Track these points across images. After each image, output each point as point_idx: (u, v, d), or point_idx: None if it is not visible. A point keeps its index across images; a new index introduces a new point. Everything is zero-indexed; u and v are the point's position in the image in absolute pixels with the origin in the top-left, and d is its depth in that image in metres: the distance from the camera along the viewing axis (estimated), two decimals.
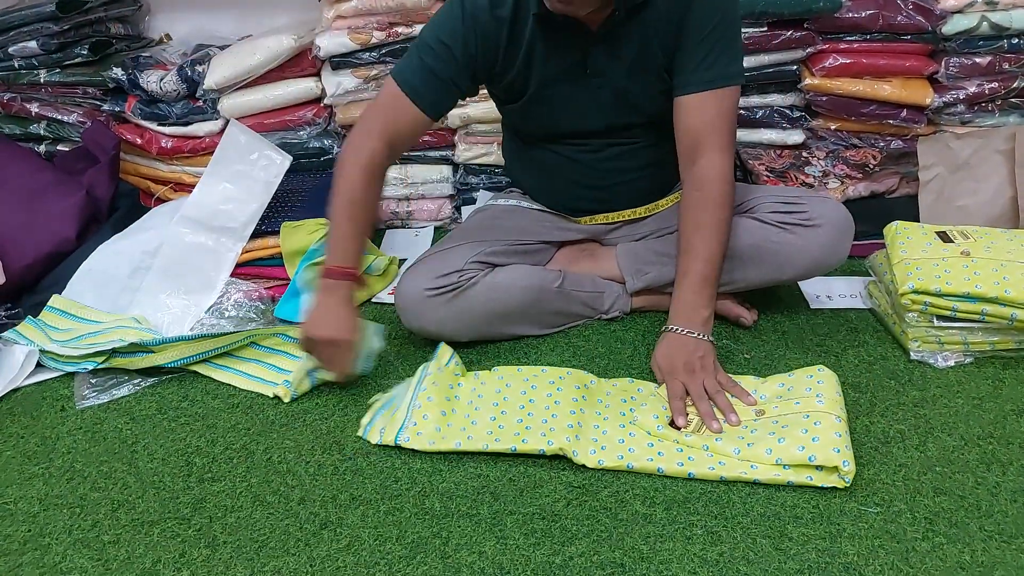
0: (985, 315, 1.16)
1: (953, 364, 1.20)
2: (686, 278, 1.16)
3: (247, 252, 1.52)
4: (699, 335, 1.15)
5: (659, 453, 1.02)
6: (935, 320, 1.20)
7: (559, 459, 1.05)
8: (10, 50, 1.72)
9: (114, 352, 1.28)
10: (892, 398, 1.14)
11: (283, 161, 1.54)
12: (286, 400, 1.19)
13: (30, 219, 1.51)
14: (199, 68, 1.69)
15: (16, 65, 1.74)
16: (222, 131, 1.74)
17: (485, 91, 1.32)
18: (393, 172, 1.78)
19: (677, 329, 1.15)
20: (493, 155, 1.74)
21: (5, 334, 1.36)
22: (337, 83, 1.68)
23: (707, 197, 1.16)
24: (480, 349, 1.30)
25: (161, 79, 1.69)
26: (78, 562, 0.94)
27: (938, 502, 0.95)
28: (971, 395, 1.14)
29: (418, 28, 1.64)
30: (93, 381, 1.28)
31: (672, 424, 1.06)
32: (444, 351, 1.22)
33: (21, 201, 1.53)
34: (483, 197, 1.76)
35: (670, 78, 1.19)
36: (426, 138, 1.76)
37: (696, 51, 1.14)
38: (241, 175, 1.52)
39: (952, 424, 1.08)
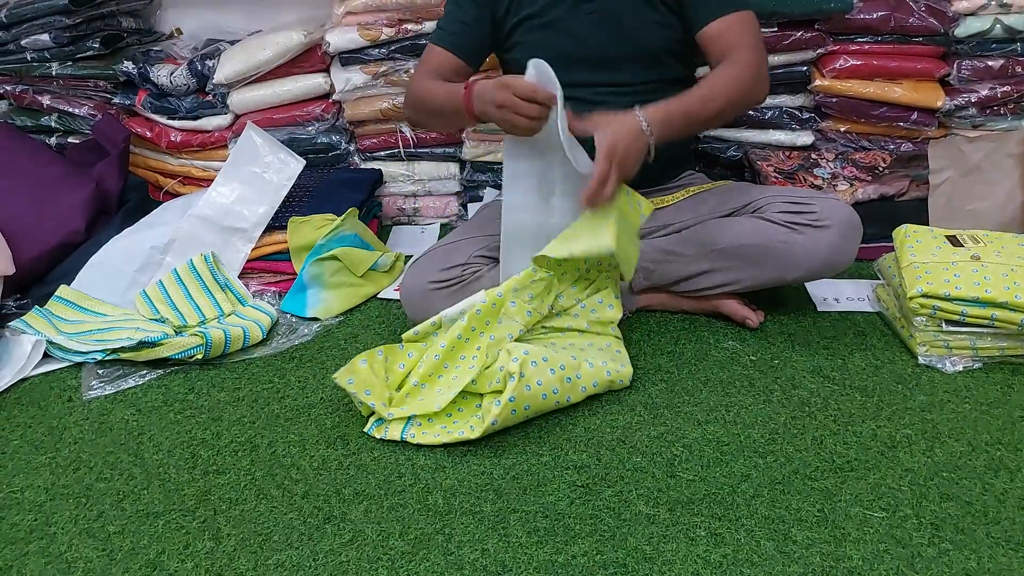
0: (994, 320, 1.16)
1: (961, 369, 1.19)
2: (680, 97, 1.15)
3: (255, 248, 1.52)
4: (649, 133, 1.11)
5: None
6: (944, 324, 1.19)
7: (562, 457, 1.05)
8: (23, 43, 1.73)
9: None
10: (899, 402, 1.13)
11: (296, 164, 1.55)
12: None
13: (40, 211, 1.52)
14: (209, 63, 1.70)
15: (28, 58, 1.75)
16: (231, 126, 1.75)
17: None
18: (400, 169, 1.79)
19: (639, 116, 1.11)
20: (500, 152, 1.74)
21: (12, 324, 1.37)
22: (346, 79, 1.68)
23: (734, 62, 1.18)
24: None
25: (171, 73, 1.70)
26: (83, 552, 0.95)
27: (945, 508, 0.95)
28: (979, 401, 1.13)
29: (428, 25, 1.64)
30: (100, 372, 1.29)
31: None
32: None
33: (31, 193, 1.54)
34: (490, 194, 1.76)
35: (667, 9, 1.24)
36: (434, 135, 1.76)
37: None
38: (255, 177, 1.53)
39: (960, 429, 1.07)
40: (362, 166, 1.80)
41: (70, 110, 1.80)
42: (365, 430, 1.11)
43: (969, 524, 0.92)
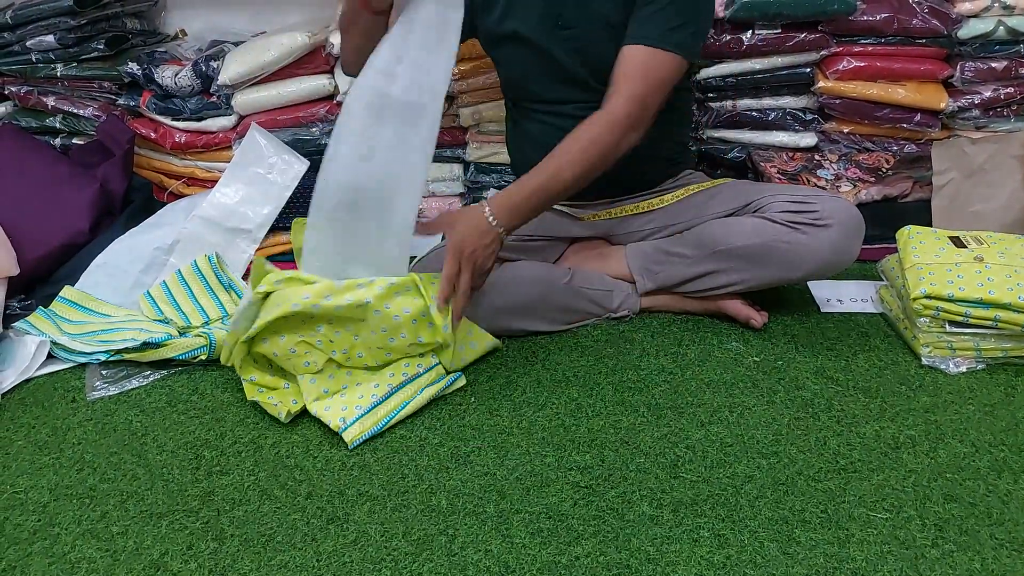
0: (998, 321, 1.16)
1: (965, 370, 1.19)
2: (530, 176, 1.14)
3: (259, 249, 1.53)
4: (497, 225, 1.13)
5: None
6: (947, 326, 1.19)
7: (565, 458, 1.05)
8: (28, 43, 1.73)
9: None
10: (903, 403, 1.13)
11: (301, 165, 1.55)
12: None
13: (45, 211, 1.52)
14: (213, 64, 1.70)
15: (33, 59, 1.76)
16: (235, 127, 1.75)
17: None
18: None
19: (486, 210, 1.12)
20: (503, 154, 1.74)
21: (16, 324, 1.38)
22: (350, 80, 1.68)
23: (586, 129, 1.14)
24: None
25: (176, 74, 1.70)
26: (87, 552, 0.95)
27: (948, 509, 0.95)
28: (983, 402, 1.13)
29: None
30: (104, 373, 1.29)
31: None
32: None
33: (36, 193, 1.54)
34: (492, 196, 1.76)
35: None
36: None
37: (644, 8, 1.16)
38: (259, 178, 1.53)
39: (963, 431, 1.07)
40: None
41: (75, 111, 1.80)
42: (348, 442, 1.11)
43: (973, 525, 0.92)
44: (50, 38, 1.72)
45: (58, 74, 1.76)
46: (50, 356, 1.34)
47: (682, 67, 1.18)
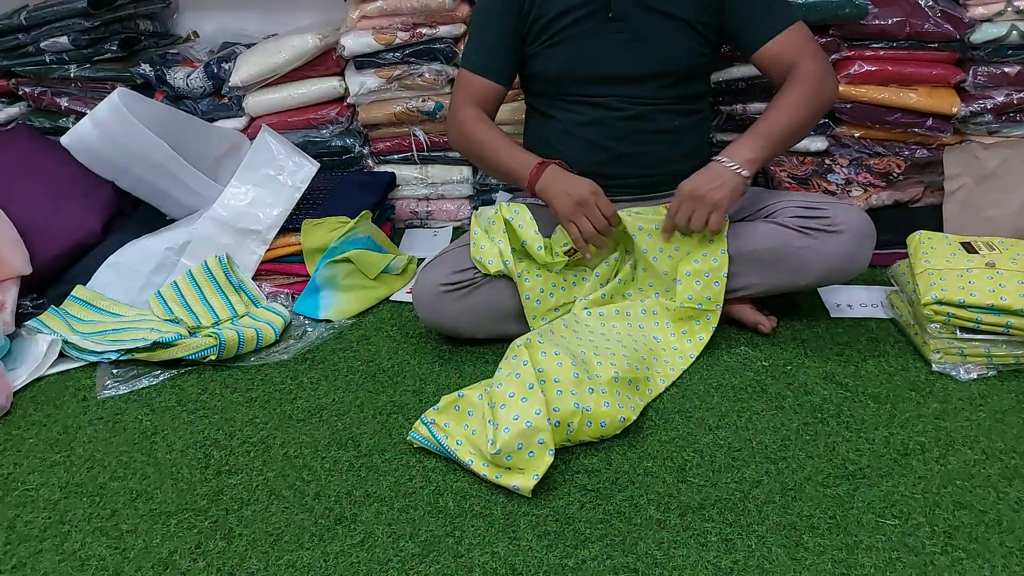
0: (1009, 328, 1.15)
1: (976, 377, 1.18)
2: (752, 129, 1.21)
3: (268, 250, 1.53)
4: (737, 168, 1.17)
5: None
6: (958, 332, 1.18)
7: (572, 461, 1.05)
8: (42, 45, 1.75)
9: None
10: (913, 409, 1.13)
11: (311, 167, 1.56)
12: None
13: (57, 211, 1.54)
14: (225, 66, 1.71)
15: (47, 60, 1.77)
16: (246, 128, 1.76)
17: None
18: (413, 172, 1.79)
19: (721, 160, 1.18)
20: None
21: (28, 323, 1.39)
22: (360, 83, 1.69)
23: (797, 78, 1.23)
24: (496, 348, 1.30)
25: (188, 76, 1.71)
26: (96, 550, 0.96)
27: (958, 516, 0.94)
28: (994, 408, 1.12)
29: (442, 29, 1.65)
30: (115, 372, 1.30)
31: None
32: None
33: (49, 193, 1.55)
34: (501, 198, 1.76)
35: (696, 33, 1.26)
36: (446, 139, 1.77)
37: (754, 7, 1.25)
38: (269, 179, 1.54)
39: (974, 437, 1.07)
40: (375, 169, 1.81)
41: (88, 112, 1.81)
42: (408, 437, 1.10)
43: (982, 533, 0.91)
44: (64, 39, 1.73)
45: (71, 75, 1.78)
46: (61, 355, 1.35)
47: None
